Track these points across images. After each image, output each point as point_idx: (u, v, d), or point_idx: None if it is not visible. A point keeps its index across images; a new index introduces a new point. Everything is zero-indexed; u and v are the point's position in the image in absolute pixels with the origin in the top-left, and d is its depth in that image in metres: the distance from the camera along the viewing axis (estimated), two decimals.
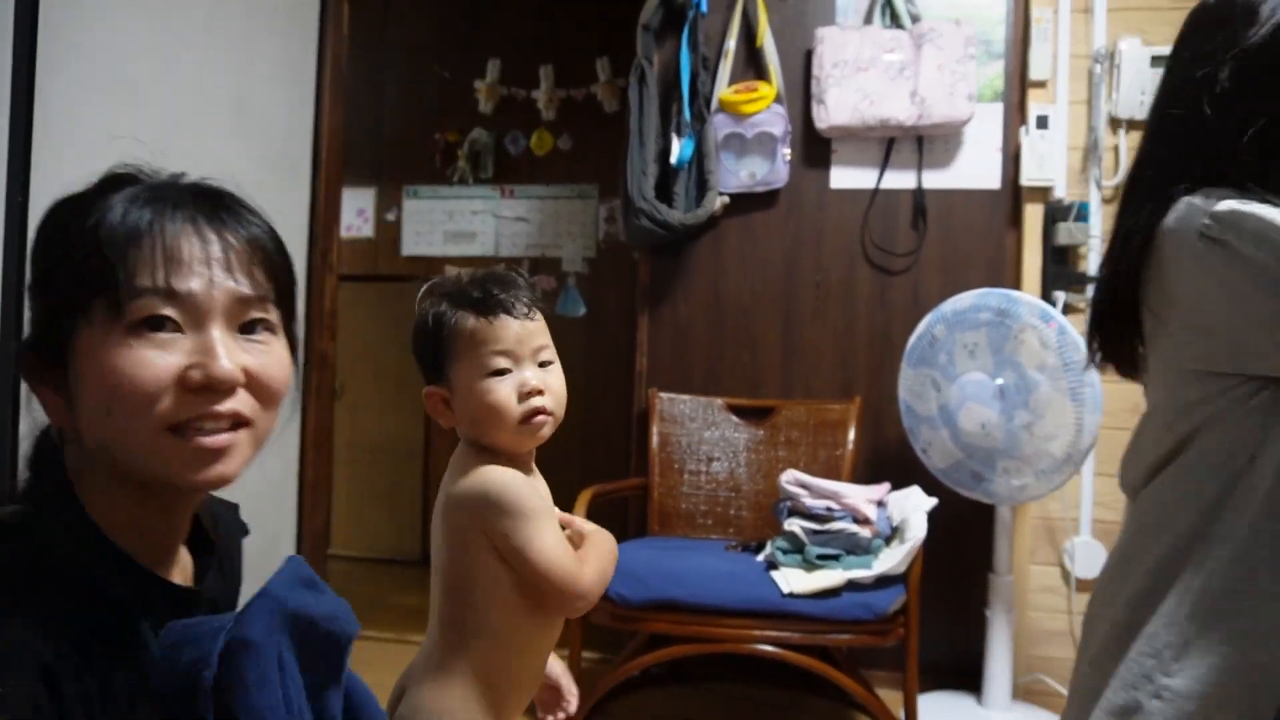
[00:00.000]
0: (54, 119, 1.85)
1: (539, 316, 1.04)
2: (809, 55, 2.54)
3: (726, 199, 2.56)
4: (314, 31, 2.79)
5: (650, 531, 2.44)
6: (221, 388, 0.66)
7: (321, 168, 2.80)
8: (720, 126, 2.53)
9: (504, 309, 1.01)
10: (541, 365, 1.03)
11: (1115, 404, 2.39)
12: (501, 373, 1.01)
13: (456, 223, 4.05)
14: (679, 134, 2.52)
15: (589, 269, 3.91)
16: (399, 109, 4.13)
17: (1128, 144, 2.42)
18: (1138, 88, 2.37)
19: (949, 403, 2.11)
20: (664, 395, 2.54)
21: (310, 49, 2.78)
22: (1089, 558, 2.40)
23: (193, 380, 0.65)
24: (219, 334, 0.67)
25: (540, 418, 1.01)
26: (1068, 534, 2.42)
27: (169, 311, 0.65)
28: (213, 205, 0.72)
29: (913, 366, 2.18)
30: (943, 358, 2.12)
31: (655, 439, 2.50)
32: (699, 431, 2.51)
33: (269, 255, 0.73)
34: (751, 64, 2.60)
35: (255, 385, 0.70)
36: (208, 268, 0.67)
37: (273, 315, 0.72)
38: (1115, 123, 2.42)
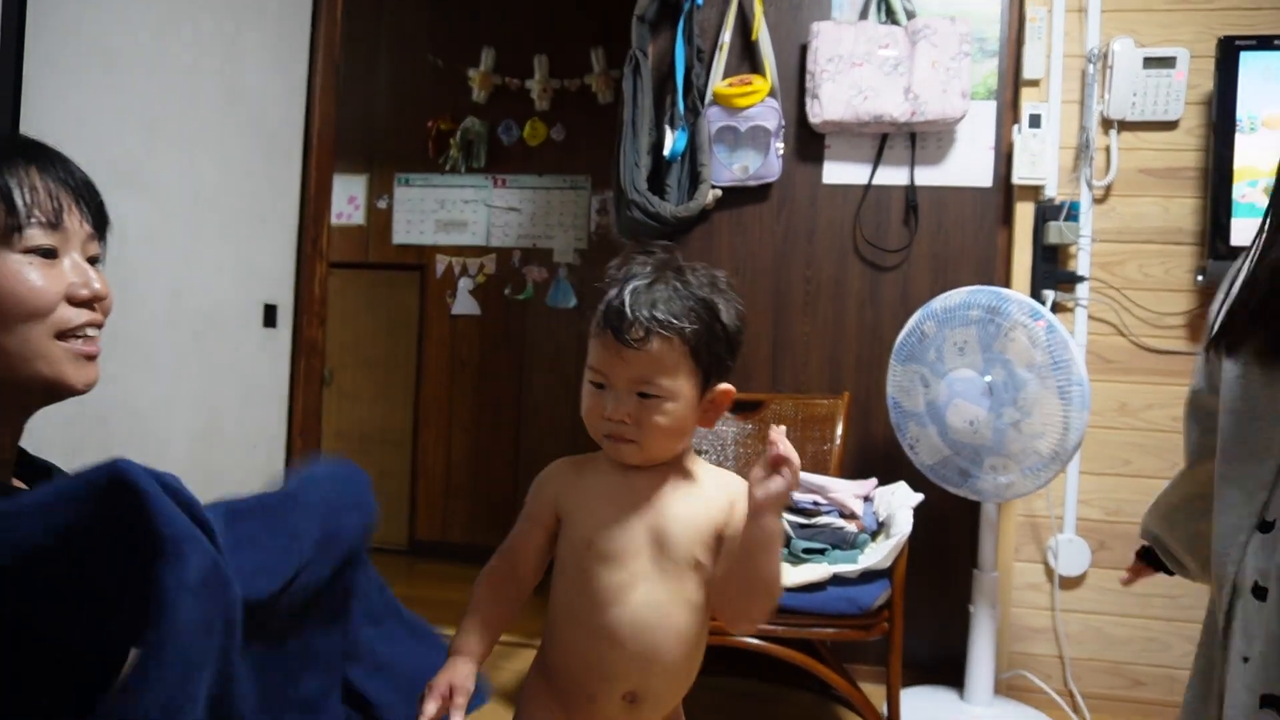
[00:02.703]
0: (42, 100, 1.83)
1: (655, 345, 0.94)
2: (804, 50, 2.54)
3: (719, 192, 2.56)
4: (307, 16, 2.77)
5: None
6: (98, 302, 0.83)
7: (313, 154, 2.79)
8: (714, 119, 2.53)
9: (612, 329, 0.96)
10: (642, 396, 0.97)
11: (1102, 403, 2.41)
12: (595, 385, 1.00)
13: (448, 211, 4.04)
14: (672, 126, 2.52)
15: (580, 260, 3.90)
16: (392, 96, 4.11)
17: (1119, 144, 2.43)
18: (1130, 88, 2.37)
19: (937, 399, 2.12)
20: None
21: (303, 34, 2.76)
22: (1072, 555, 2.42)
23: (80, 296, 0.81)
24: (83, 260, 0.83)
25: (614, 442, 1.00)
26: (1052, 531, 2.43)
27: (53, 241, 0.80)
28: (53, 156, 0.85)
29: (901, 363, 2.19)
30: (932, 354, 2.13)
31: None
32: None
33: (98, 197, 0.87)
34: (746, 57, 2.60)
35: (105, 305, 0.86)
36: (75, 208, 0.83)
37: (100, 248, 0.88)
38: (1107, 123, 2.43)
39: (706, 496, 1.03)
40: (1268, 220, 0.98)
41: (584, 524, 1.02)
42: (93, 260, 0.86)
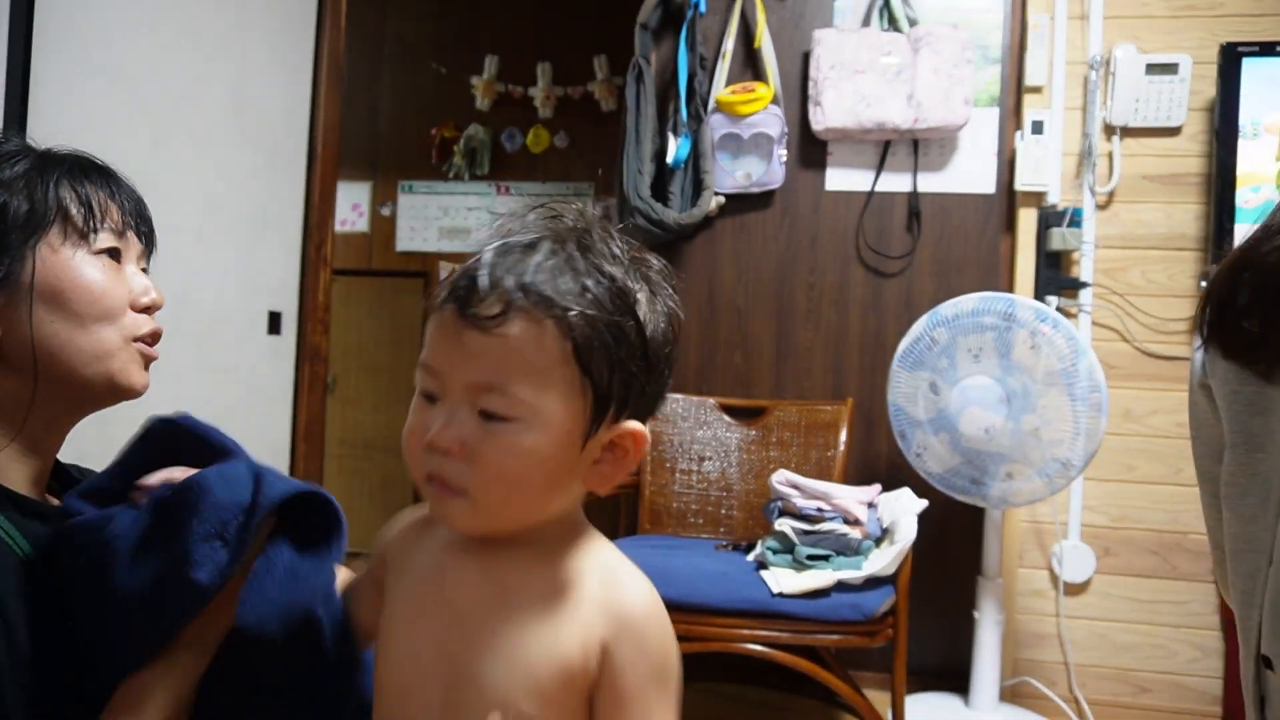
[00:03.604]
0: (48, 108, 1.84)
1: (516, 330, 0.59)
2: (806, 57, 2.55)
3: (722, 199, 2.57)
4: (311, 24, 2.78)
5: (641, 530, 2.44)
6: (157, 309, 0.86)
7: (317, 161, 2.80)
8: (717, 127, 2.53)
9: (455, 300, 0.61)
10: (486, 417, 0.60)
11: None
12: (425, 395, 0.64)
13: (451, 218, 4.04)
14: (675, 133, 2.52)
15: None
16: (396, 104, 4.12)
17: (1121, 150, 2.43)
18: (1132, 95, 2.38)
19: (949, 407, 2.10)
20: None
21: (307, 42, 2.77)
22: (1077, 562, 2.41)
23: (141, 303, 0.84)
24: (139, 271, 0.86)
25: (436, 490, 0.62)
26: (1056, 538, 2.43)
27: (119, 245, 0.83)
28: (116, 175, 0.87)
29: (908, 370, 2.17)
30: (943, 361, 2.11)
31: None
32: (691, 431, 2.52)
33: (150, 218, 0.90)
34: (749, 65, 2.60)
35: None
36: (133, 223, 0.86)
37: (147, 267, 0.90)
38: (1109, 129, 2.43)
39: (569, 616, 0.62)
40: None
41: (384, 627, 0.69)
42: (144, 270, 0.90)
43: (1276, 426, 0.85)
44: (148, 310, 0.85)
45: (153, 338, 0.86)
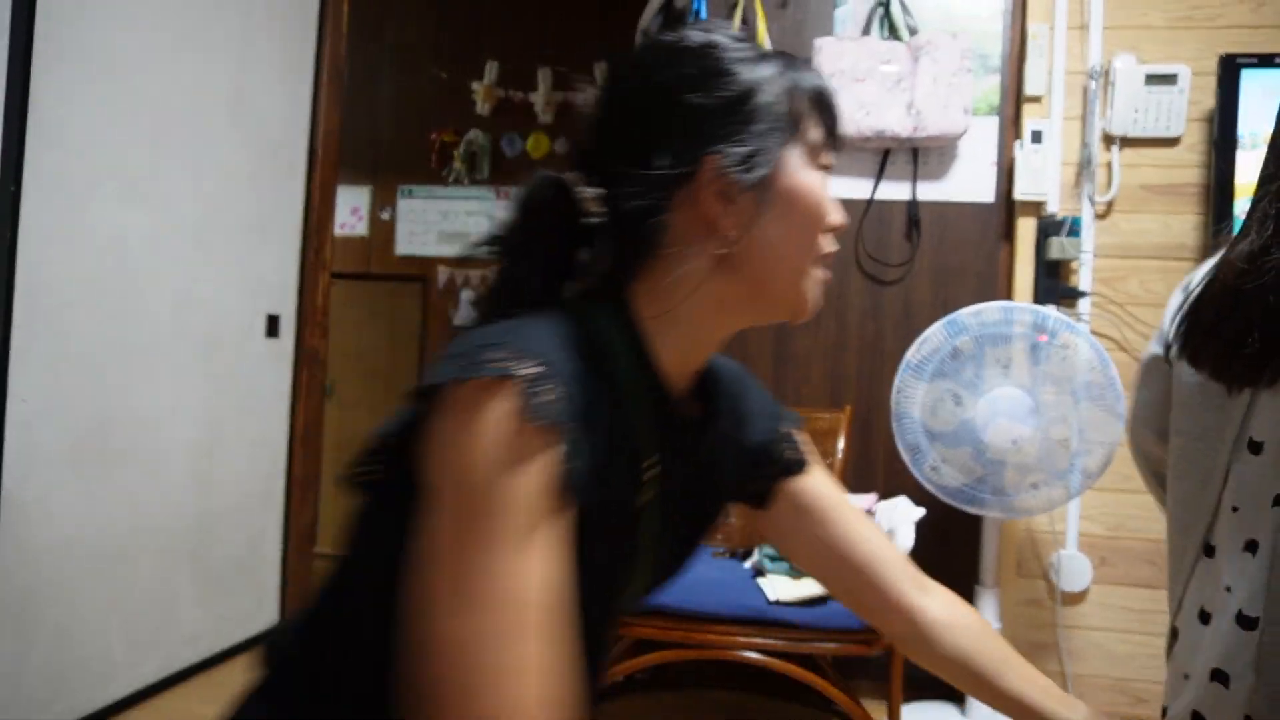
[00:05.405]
0: (48, 112, 1.84)
1: None
2: None
3: None
4: (313, 30, 2.79)
5: None
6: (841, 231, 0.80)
7: (317, 165, 2.80)
8: None
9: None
10: None
11: None
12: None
13: (451, 223, 4.05)
14: None
15: None
16: (396, 108, 4.13)
17: (1120, 160, 2.44)
18: (1131, 105, 2.38)
19: (974, 418, 2.06)
20: None
21: (309, 47, 2.77)
22: (1074, 571, 2.41)
23: (838, 224, 0.78)
24: None
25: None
26: (1053, 547, 2.43)
27: (830, 163, 0.78)
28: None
29: (928, 380, 2.11)
30: (968, 372, 2.08)
31: None
32: None
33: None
34: None
35: None
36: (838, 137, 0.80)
37: None
38: (1108, 139, 2.44)
39: None
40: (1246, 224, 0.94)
41: None
42: None
43: (1226, 425, 0.88)
44: (834, 230, 0.79)
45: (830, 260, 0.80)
